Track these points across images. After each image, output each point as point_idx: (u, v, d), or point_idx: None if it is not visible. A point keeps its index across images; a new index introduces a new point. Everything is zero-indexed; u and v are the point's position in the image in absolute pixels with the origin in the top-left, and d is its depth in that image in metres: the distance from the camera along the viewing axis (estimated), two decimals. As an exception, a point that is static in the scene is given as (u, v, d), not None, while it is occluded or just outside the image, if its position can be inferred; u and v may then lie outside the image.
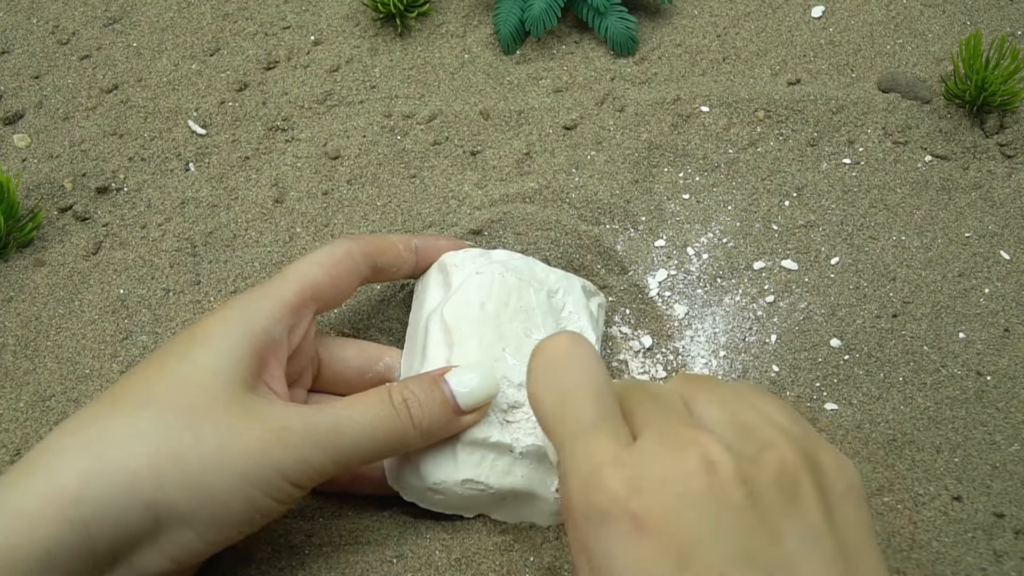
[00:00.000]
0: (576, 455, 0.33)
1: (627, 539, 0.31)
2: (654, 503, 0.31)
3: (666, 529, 0.30)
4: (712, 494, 0.31)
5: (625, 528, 0.31)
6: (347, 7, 0.69)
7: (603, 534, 0.31)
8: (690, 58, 0.66)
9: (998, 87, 0.60)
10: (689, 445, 0.32)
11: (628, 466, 0.32)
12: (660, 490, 0.31)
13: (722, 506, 0.30)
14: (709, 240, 0.57)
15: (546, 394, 0.35)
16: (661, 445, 0.32)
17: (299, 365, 0.45)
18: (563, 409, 0.35)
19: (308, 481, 0.39)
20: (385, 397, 0.41)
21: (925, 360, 0.53)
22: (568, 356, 0.36)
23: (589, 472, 0.32)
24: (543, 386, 0.36)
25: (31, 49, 0.67)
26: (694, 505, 0.30)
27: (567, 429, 0.34)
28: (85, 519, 0.35)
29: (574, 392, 0.35)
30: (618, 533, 0.31)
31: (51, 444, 0.37)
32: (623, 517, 0.31)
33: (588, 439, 0.33)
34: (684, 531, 0.30)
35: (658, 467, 0.31)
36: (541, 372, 0.36)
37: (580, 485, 0.32)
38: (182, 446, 0.37)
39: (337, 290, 0.45)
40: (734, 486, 0.31)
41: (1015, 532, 0.47)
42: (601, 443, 0.33)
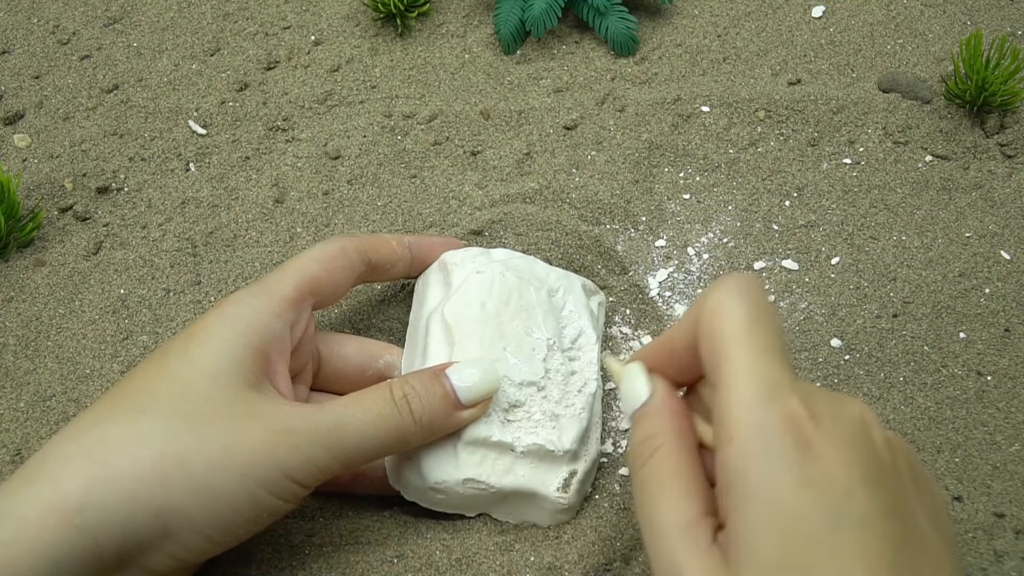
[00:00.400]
0: (759, 368, 0.34)
1: (795, 456, 0.32)
2: (827, 433, 0.32)
3: (832, 460, 0.32)
4: (871, 446, 0.33)
5: (795, 445, 0.32)
6: (347, 7, 0.69)
7: (772, 444, 0.32)
8: (690, 58, 0.66)
9: (998, 87, 0.60)
10: (848, 400, 0.34)
11: (805, 394, 0.33)
12: (833, 424, 0.33)
13: (877, 462, 0.33)
14: (709, 240, 0.57)
15: (738, 306, 0.35)
16: (826, 395, 0.34)
17: (300, 361, 0.45)
18: (754, 324, 0.35)
19: (313, 480, 0.39)
20: (387, 393, 0.41)
21: (925, 360, 0.53)
22: (759, 285, 0.37)
23: (773, 385, 0.33)
24: (736, 298, 0.36)
25: (31, 49, 0.67)
26: (858, 449, 0.32)
27: (755, 342, 0.35)
28: (91, 526, 0.35)
29: (767, 315, 0.36)
30: (789, 448, 0.32)
31: (52, 450, 0.36)
32: (798, 436, 0.32)
33: (774, 357, 0.34)
34: (847, 469, 0.32)
35: (830, 406, 0.33)
36: (735, 287, 0.36)
37: (759, 395, 0.33)
38: (186, 450, 0.37)
39: (333, 285, 0.45)
40: (884, 449, 0.33)
41: (1015, 532, 0.47)
42: (785, 366, 0.34)
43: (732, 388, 0.34)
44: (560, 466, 0.44)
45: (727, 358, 0.34)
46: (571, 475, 0.44)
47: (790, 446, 0.32)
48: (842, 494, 0.31)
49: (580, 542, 0.45)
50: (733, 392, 0.34)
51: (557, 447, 0.44)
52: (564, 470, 0.44)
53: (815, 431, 0.32)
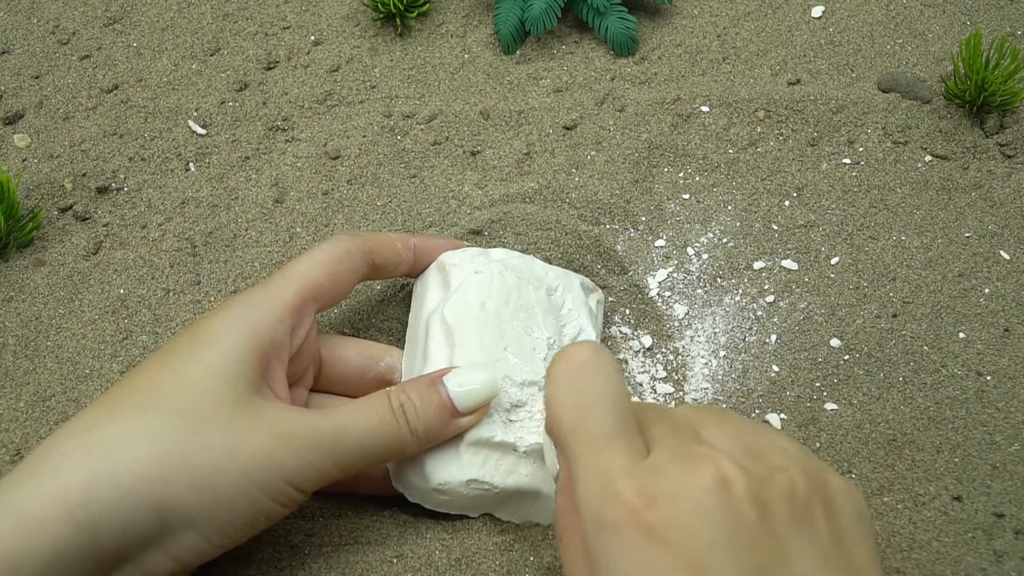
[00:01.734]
0: (591, 463, 0.33)
1: (639, 549, 0.31)
2: (669, 515, 0.31)
3: (680, 542, 0.30)
4: (726, 510, 0.31)
5: (638, 538, 0.31)
6: (347, 7, 0.69)
7: (614, 543, 0.31)
8: (690, 58, 0.66)
9: (998, 87, 0.60)
10: (704, 462, 0.32)
11: (643, 477, 0.32)
12: (675, 503, 0.31)
13: (735, 523, 0.31)
14: (709, 240, 0.57)
15: (566, 400, 0.35)
16: (676, 461, 0.32)
17: (301, 365, 0.45)
18: (581, 417, 0.35)
19: (311, 485, 0.39)
20: (385, 402, 0.41)
21: (925, 360, 0.53)
22: (590, 365, 0.36)
23: (604, 481, 0.32)
24: (563, 392, 0.35)
25: (31, 49, 0.67)
26: (708, 519, 0.31)
27: (584, 437, 0.34)
28: (92, 521, 0.35)
29: (594, 401, 0.35)
30: (630, 542, 0.31)
31: (55, 445, 0.37)
32: (636, 527, 0.31)
33: (604, 448, 0.33)
34: (698, 545, 0.30)
35: (673, 481, 0.32)
36: (562, 378, 0.36)
37: (593, 493, 0.32)
38: (189, 449, 0.37)
39: (336, 289, 0.45)
40: (747, 504, 0.31)
41: (1015, 532, 0.47)
42: (617, 453, 0.33)
43: (565, 486, 0.34)
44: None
45: (565, 457, 0.35)
46: None
47: (632, 541, 0.31)
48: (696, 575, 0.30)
49: (580, 542, 0.45)
50: (567, 490, 0.34)
51: None
52: None
53: (655, 516, 0.31)
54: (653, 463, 0.33)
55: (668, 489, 0.31)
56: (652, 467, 0.32)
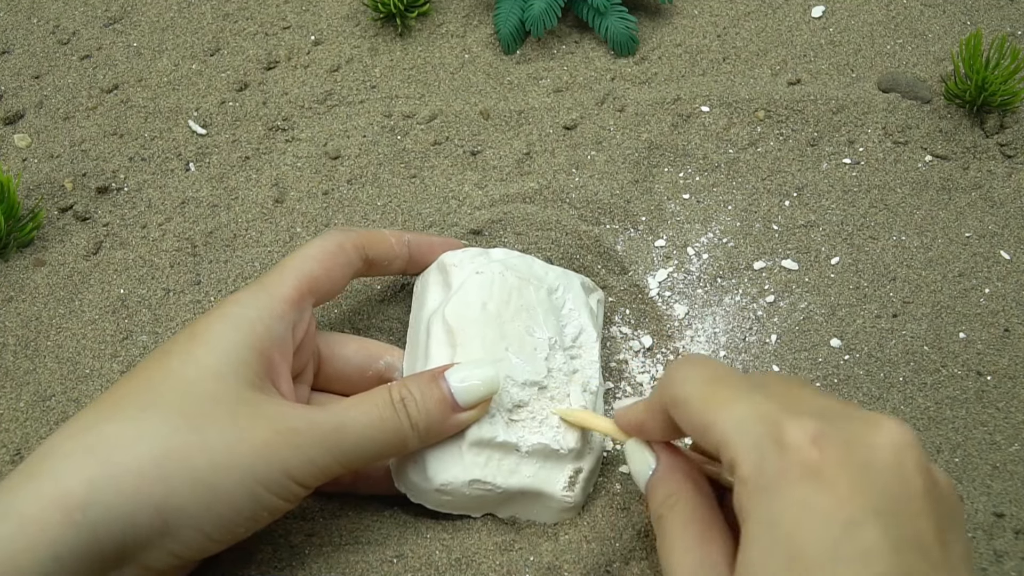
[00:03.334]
0: (744, 412, 0.33)
1: (800, 488, 0.30)
2: (837, 460, 0.30)
3: (845, 488, 0.30)
4: (896, 474, 0.30)
5: (800, 475, 0.30)
6: (347, 7, 0.69)
7: (775, 485, 0.31)
8: (690, 58, 0.66)
9: (998, 87, 0.60)
10: (883, 424, 0.32)
11: (813, 422, 0.31)
12: (848, 449, 0.30)
13: (904, 488, 0.30)
14: (709, 240, 0.57)
15: (695, 377, 0.35)
16: (848, 418, 0.32)
17: (301, 361, 0.45)
18: (717, 384, 0.35)
19: (313, 480, 0.39)
20: (386, 396, 0.41)
21: (925, 360, 0.53)
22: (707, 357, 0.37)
23: (767, 422, 0.32)
24: (690, 373, 0.36)
25: (31, 49, 0.67)
26: (877, 476, 0.30)
27: (726, 396, 0.34)
28: (92, 523, 0.35)
29: (726, 373, 0.35)
30: (792, 481, 0.30)
31: (54, 447, 0.36)
32: (802, 466, 0.30)
33: (757, 400, 0.33)
34: (861, 495, 0.30)
35: (847, 430, 0.31)
36: (687, 366, 0.36)
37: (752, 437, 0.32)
38: (189, 448, 0.37)
39: (332, 282, 0.45)
40: (918, 476, 0.31)
41: (1015, 532, 0.47)
42: (772, 404, 0.33)
43: (731, 439, 0.33)
44: (565, 464, 0.44)
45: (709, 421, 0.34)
46: (576, 473, 0.44)
47: (793, 477, 0.30)
48: (846, 524, 0.29)
49: (580, 542, 0.45)
50: (733, 442, 0.33)
51: (562, 446, 0.44)
52: (569, 468, 0.44)
53: (821, 457, 0.30)
54: (821, 413, 0.32)
55: (841, 436, 0.31)
56: (821, 416, 0.32)
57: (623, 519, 0.46)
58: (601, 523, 0.46)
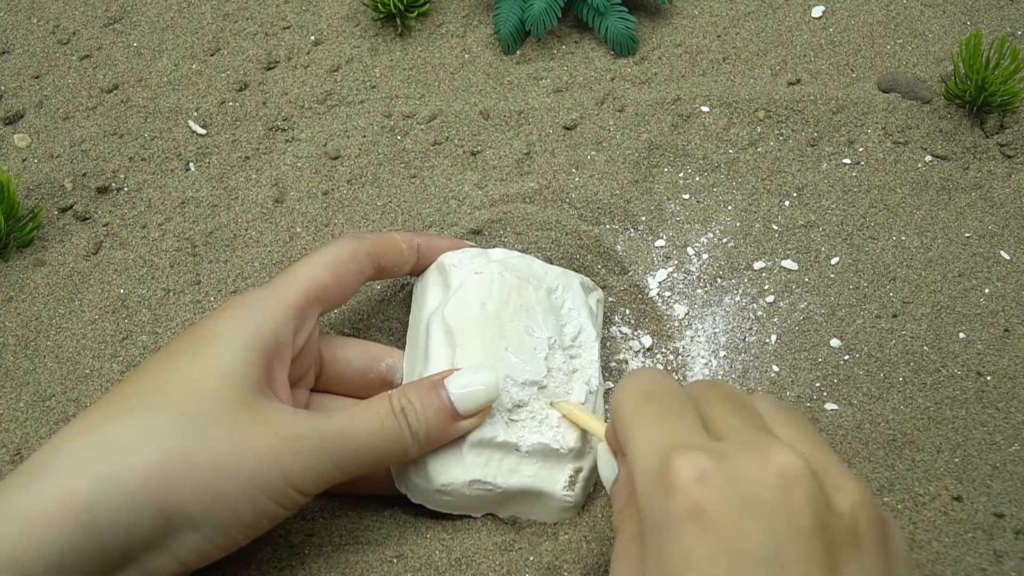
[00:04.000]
0: (649, 438, 0.34)
1: (683, 528, 0.30)
2: (719, 500, 0.30)
3: (726, 530, 0.30)
4: (782, 510, 0.30)
5: (684, 516, 0.30)
6: (347, 7, 0.69)
7: (662, 522, 0.31)
8: (690, 58, 0.66)
9: (998, 87, 0.60)
10: (772, 456, 0.31)
11: (702, 456, 0.31)
12: (729, 489, 0.30)
13: (790, 525, 0.30)
14: (709, 240, 0.57)
15: (629, 391, 0.36)
16: (742, 448, 0.32)
17: (303, 366, 0.45)
18: (645, 400, 0.35)
19: (314, 488, 0.39)
20: (387, 405, 0.41)
21: (925, 360, 0.53)
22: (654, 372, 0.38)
23: (661, 454, 0.32)
24: (626, 386, 0.37)
25: (31, 49, 0.67)
26: (761, 515, 0.30)
27: (646, 416, 0.35)
28: (97, 523, 0.35)
29: (657, 390, 0.36)
30: (676, 521, 0.30)
31: (60, 445, 0.36)
32: (685, 505, 0.30)
33: (667, 425, 0.34)
34: (744, 538, 0.29)
35: (733, 466, 0.31)
36: (627, 380, 0.37)
37: (648, 470, 0.32)
38: (193, 450, 0.37)
39: (341, 291, 0.45)
40: (806, 510, 0.30)
41: (1015, 532, 0.47)
42: (679, 431, 0.33)
43: (635, 468, 0.34)
44: (565, 464, 0.44)
45: (626, 439, 0.35)
46: (576, 472, 0.44)
47: (677, 516, 0.30)
48: (728, 571, 0.29)
49: (579, 542, 0.45)
50: (636, 471, 0.33)
51: (562, 445, 0.44)
52: (569, 468, 0.44)
53: (706, 497, 0.30)
54: (718, 448, 0.32)
55: (726, 472, 0.30)
56: (715, 450, 0.32)
57: (623, 519, 0.46)
58: (601, 523, 0.46)
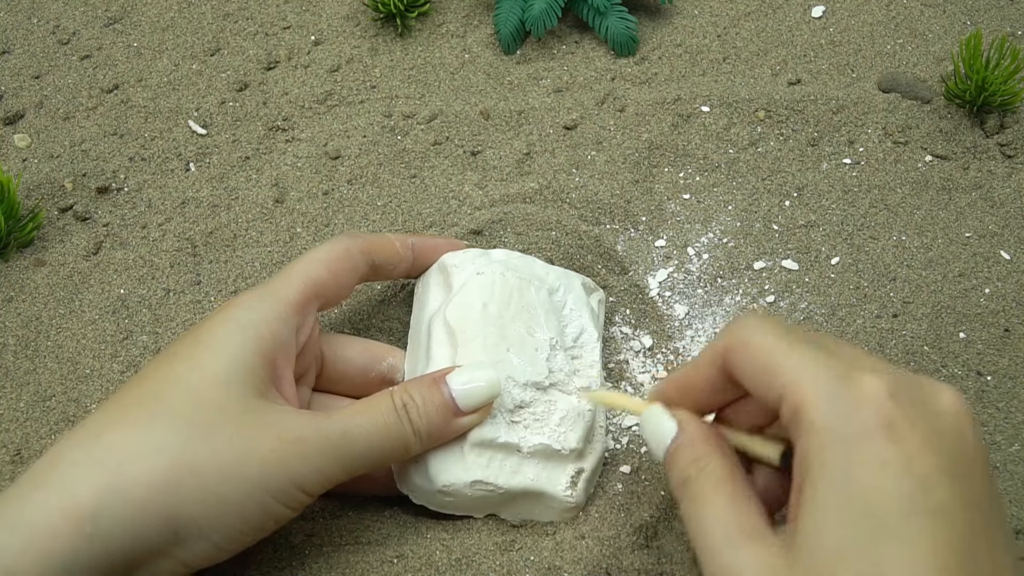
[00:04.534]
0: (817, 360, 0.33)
1: (877, 439, 0.31)
2: (912, 415, 0.31)
3: (916, 444, 0.30)
4: (960, 437, 0.31)
5: (878, 428, 0.31)
6: (347, 7, 0.69)
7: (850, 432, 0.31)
8: (690, 58, 0.66)
9: (998, 87, 0.60)
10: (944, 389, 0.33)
11: (890, 378, 0.32)
12: (917, 410, 0.31)
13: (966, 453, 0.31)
14: (709, 240, 0.57)
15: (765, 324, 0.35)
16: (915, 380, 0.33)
17: (304, 364, 0.45)
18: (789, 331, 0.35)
19: (319, 489, 0.39)
20: (388, 402, 0.41)
21: (925, 360, 0.53)
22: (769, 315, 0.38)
23: (841, 373, 0.32)
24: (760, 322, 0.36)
25: (31, 49, 0.67)
26: (945, 437, 0.31)
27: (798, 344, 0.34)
28: (102, 534, 0.35)
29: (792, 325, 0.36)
30: (869, 430, 0.31)
31: (62, 455, 0.36)
32: (880, 417, 0.31)
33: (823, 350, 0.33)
34: (934, 455, 0.30)
35: (920, 390, 0.32)
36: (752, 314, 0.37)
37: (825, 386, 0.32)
38: (198, 458, 0.37)
39: (338, 287, 0.45)
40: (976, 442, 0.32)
41: (1015, 532, 0.47)
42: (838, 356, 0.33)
43: (801, 384, 0.33)
44: (567, 465, 0.44)
45: (786, 365, 0.34)
46: (578, 473, 0.45)
47: (870, 428, 0.31)
48: (921, 480, 0.30)
49: (580, 542, 0.45)
50: (803, 387, 0.33)
51: (563, 446, 0.44)
52: (571, 468, 0.44)
53: (897, 411, 0.31)
54: (897, 371, 0.33)
55: (912, 396, 0.31)
56: (897, 373, 0.32)
57: (623, 519, 0.46)
58: (601, 523, 0.46)
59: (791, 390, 0.33)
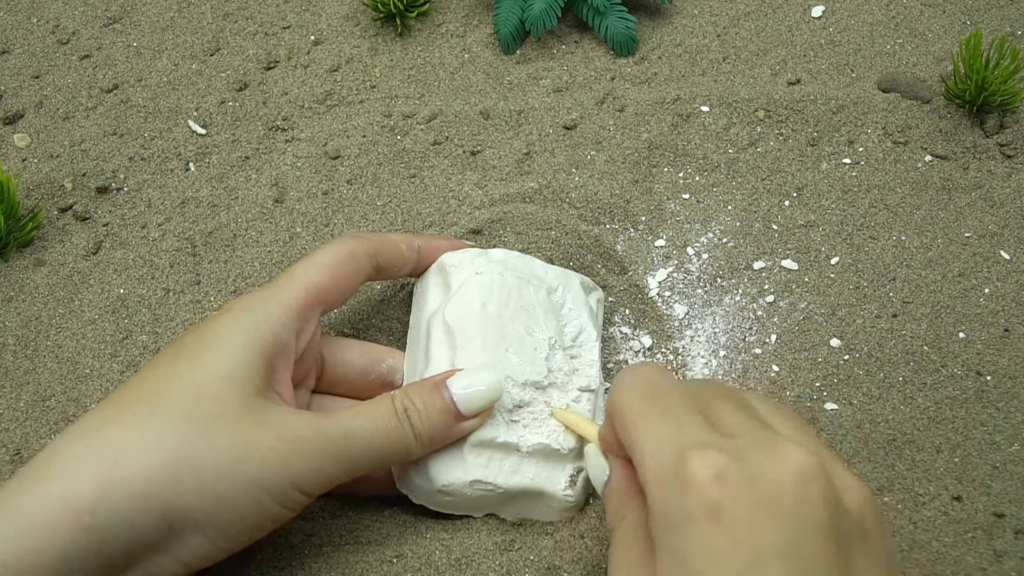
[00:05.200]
0: (659, 437, 0.33)
1: (701, 527, 0.30)
2: (738, 496, 0.30)
3: (744, 528, 0.30)
4: (799, 507, 0.30)
5: (702, 514, 0.30)
6: (347, 7, 0.69)
7: (679, 520, 0.31)
8: (690, 58, 0.66)
9: (998, 87, 0.60)
10: (787, 454, 0.31)
11: (717, 454, 0.31)
12: (746, 488, 0.30)
13: (807, 522, 0.30)
14: (709, 240, 0.57)
15: (634, 386, 0.36)
16: (756, 445, 0.32)
17: (304, 367, 0.45)
18: (653, 397, 0.35)
19: (318, 489, 0.39)
20: (389, 406, 0.41)
21: (925, 360, 0.53)
22: (655, 367, 0.38)
23: (675, 453, 0.32)
24: (630, 382, 0.36)
25: (31, 49, 0.67)
26: (779, 512, 0.30)
27: (653, 413, 0.34)
28: (100, 526, 0.35)
29: (664, 387, 0.36)
30: (693, 518, 0.31)
31: (62, 448, 0.36)
32: (702, 503, 0.30)
33: (675, 424, 0.33)
34: (763, 535, 0.30)
35: (750, 464, 0.31)
36: (630, 375, 0.37)
37: (661, 468, 0.32)
38: (196, 454, 0.37)
39: (340, 291, 0.45)
40: (822, 507, 0.31)
41: (1015, 532, 0.47)
42: (690, 430, 0.33)
43: (644, 467, 0.33)
44: (566, 464, 0.44)
45: (632, 439, 0.35)
46: (577, 472, 0.45)
47: (694, 511, 0.31)
48: (747, 567, 0.29)
49: (580, 542, 0.45)
50: (645, 471, 0.33)
51: (562, 445, 0.44)
52: (570, 468, 0.44)
53: (724, 493, 0.30)
54: (733, 446, 0.32)
55: (742, 471, 0.31)
56: (731, 449, 0.32)
57: (623, 519, 0.46)
58: (601, 523, 0.45)
59: (640, 468, 0.34)
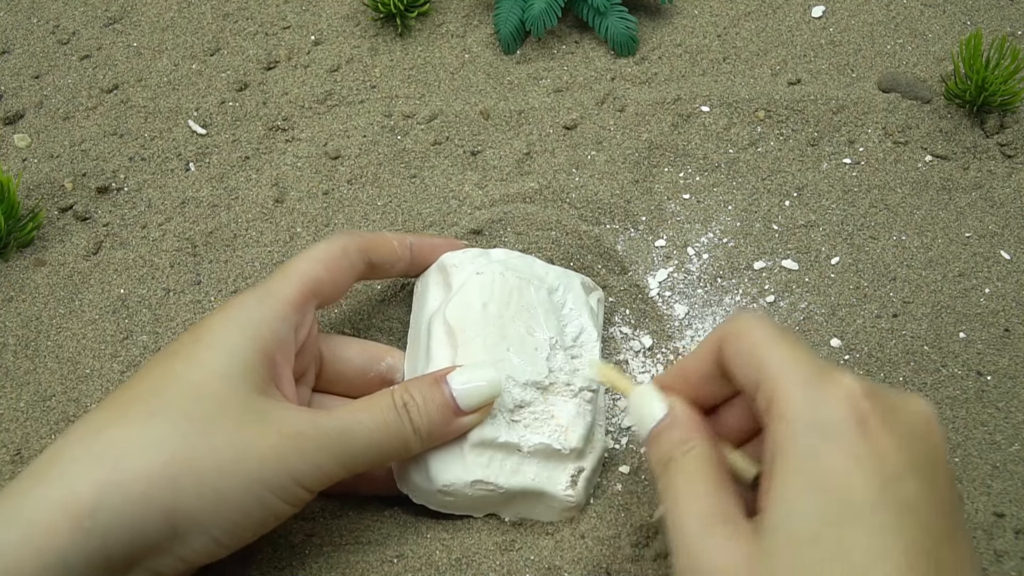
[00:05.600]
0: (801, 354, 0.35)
1: (848, 433, 0.32)
2: (881, 416, 0.32)
3: (886, 442, 0.32)
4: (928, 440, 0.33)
5: (851, 421, 0.32)
6: (347, 7, 0.69)
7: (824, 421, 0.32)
8: (690, 58, 0.66)
9: (998, 87, 0.60)
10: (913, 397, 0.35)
11: (867, 382, 0.34)
12: (888, 411, 0.33)
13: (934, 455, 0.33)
14: (709, 240, 0.57)
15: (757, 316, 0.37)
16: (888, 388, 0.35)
17: (304, 362, 0.45)
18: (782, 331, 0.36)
19: (319, 485, 0.39)
20: (389, 400, 0.41)
21: (925, 360, 0.53)
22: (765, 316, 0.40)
23: (820, 368, 0.34)
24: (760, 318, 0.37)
25: (31, 49, 0.67)
26: (914, 439, 0.33)
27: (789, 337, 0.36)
28: (101, 529, 0.35)
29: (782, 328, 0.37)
30: (842, 422, 0.32)
31: (62, 451, 0.36)
32: (852, 412, 0.32)
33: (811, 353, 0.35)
34: (900, 453, 0.32)
35: (893, 395, 0.34)
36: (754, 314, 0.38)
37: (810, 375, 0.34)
38: (197, 454, 0.37)
39: (335, 285, 0.45)
40: (943, 446, 0.34)
41: (1015, 532, 0.47)
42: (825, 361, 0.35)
43: (781, 375, 0.34)
44: (567, 464, 0.44)
45: (769, 357, 0.35)
46: (578, 472, 0.45)
47: (843, 421, 0.32)
48: (891, 477, 0.31)
49: (580, 542, 0.45)
50: (782, 378, 0.34)
51: (563, 446, 0.44)
52: (571, 468, 0.44)
53: (871, 410, 0.32)
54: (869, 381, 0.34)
55: (889, 398, 0.33)
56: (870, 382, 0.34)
57: (623, 519, 0.46)
58: (601, 523, 0.46)
59: (769, 380, 0.35)
